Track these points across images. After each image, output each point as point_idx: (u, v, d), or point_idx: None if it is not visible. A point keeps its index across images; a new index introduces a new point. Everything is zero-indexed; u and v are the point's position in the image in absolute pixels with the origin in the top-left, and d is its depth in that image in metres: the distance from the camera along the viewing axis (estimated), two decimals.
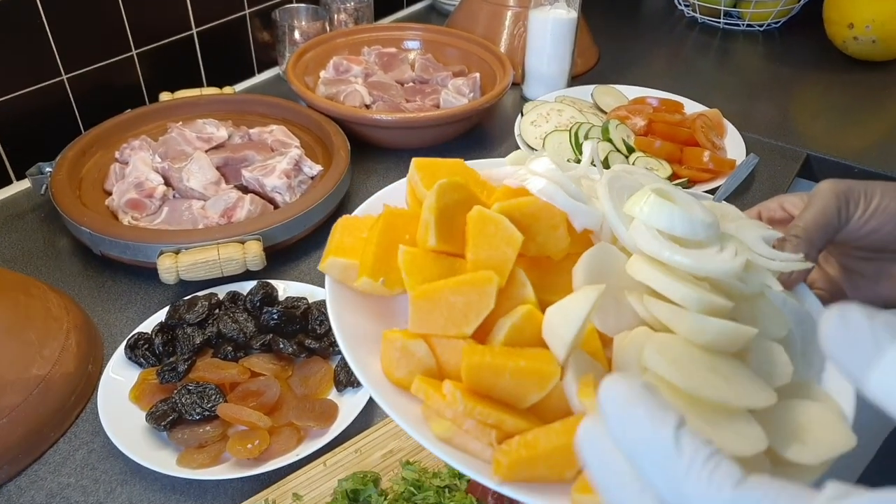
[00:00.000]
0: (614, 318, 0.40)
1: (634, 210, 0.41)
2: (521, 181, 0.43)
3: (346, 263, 0.44)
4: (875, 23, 1.20)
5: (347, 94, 1.03)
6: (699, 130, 0.97)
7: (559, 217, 0.42)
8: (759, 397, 0.36)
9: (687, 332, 0.37)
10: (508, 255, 0.40)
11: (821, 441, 0.37)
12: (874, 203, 0.46)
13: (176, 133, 0.91)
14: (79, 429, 0.64)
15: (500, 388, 0.37)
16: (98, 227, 0.75)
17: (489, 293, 0.38)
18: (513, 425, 0.36)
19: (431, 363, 0.40)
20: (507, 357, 0.37)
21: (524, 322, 0.39)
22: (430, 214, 0.41)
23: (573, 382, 0.37)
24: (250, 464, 0.60)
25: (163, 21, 1.05)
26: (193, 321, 0.69)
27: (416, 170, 0.46)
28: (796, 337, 0.43)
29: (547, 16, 1.07)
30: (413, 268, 0.40)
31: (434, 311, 0.39)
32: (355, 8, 1.26)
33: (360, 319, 0.43)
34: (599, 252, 0.41)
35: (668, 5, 1.57)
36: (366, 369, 0.40)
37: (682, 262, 0.39)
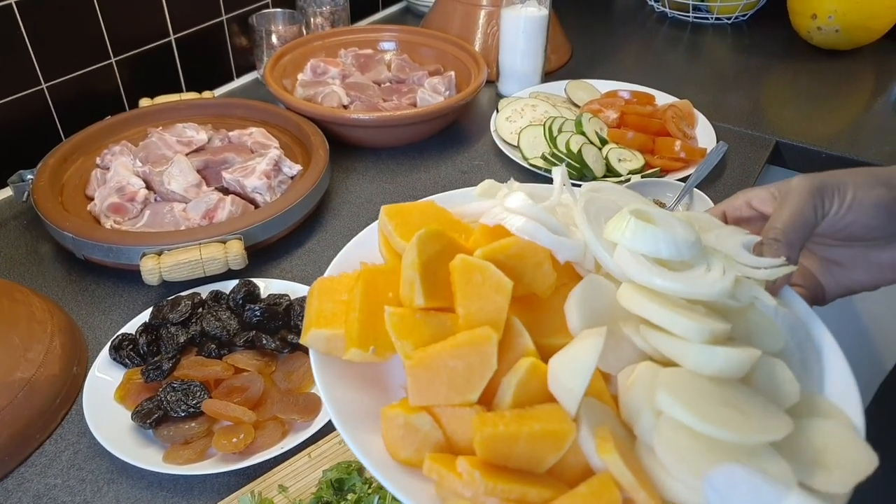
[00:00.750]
0: (613, 354, 0.39)
1: (616, 236, 0.41)
2: (497, 220, 0.42)
3: (329, 334, 0.41)
4: (837, 13, 1.23)
5: (325, 96, 1.05)
6: (670, 121, 0.99)
7: (543, 254, 0.41)
8: (778, 428, 0.36)
9: (693, 366, 0.37)
10: (500, 304, 0.38)
11: (843, 465, 0.36)
12: (849, 197, 0.47)
13: (156, 138, 0.92)
14: (64, 430, 0.65)
15: (516, 456, 0.36)
16: (81, 232, 0.76)
17: (490, 353, 0.37)
18: (537, 496, 0.35)
19: (439, 437, 0.37)
20: (521, 423, 0.36)
21: (529, 377, 0.37)
22: (414, 272, 0.39)
23: (589, 437, 0.36)
24: (236, 458, 0.61)
25: (141, 28, 1.06)
26: (177, 320, 0.70)
27: (388, 218, 0.44)
28: (793, 349, 0.43)
29: (519, 14, 1.09)
30: (403, 331, 0.38)
31: (434, 379, 0.37)
32: (331, 11, 1.27)
33: (355, 394, 0.41)
34: (589, 286, 0.40)
35: (639, 1, 1.60)
36: (368, 451, 0.37)
37: (675, 288, 0.39)
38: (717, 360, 0.36)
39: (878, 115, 1.16)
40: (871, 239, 0.49)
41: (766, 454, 0.35)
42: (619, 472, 0.34)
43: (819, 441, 0.37)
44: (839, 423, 0.39)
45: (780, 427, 0.36)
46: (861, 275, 0.51)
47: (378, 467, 0.36)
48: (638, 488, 0.34)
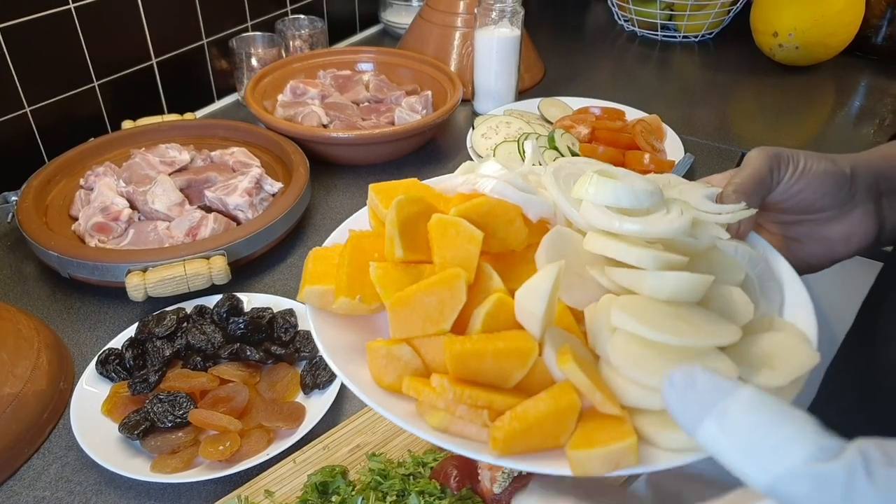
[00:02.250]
0: (581, 292, 0.42)
1: (581, 193, 0.44)
2: (472, 186, 0.46)
3: (322, 290, 0.46)
4: (797, 31, 1.29)
5: (305, 115, 1.07)
6: (639, 135, 1.03)
7: (514, 211, 0.44)
8: (725, 334, 0.39)
9: (649, 291, 0.40)
10: (472, 251, 0.42)
11: (788, 363, 0.40)
12: (801, 165, 0.51)
13: (139, 158, 0.94)
14: (52, 444, 0.66)
15: (484, 371, 0.39)
16: (66, 250, 0.78)
17: (459, 287, 0.41)
18: (503, 403, 0.38)
19: (418, 363, 0.42)
20: (487, 342, 0.39)
21: (497, 309, 0.41)
22: (393, 228, 0.43)
23: (552, 354, 0.39)
24: (222, 465, 0.62)
25: (123, 52, 1.08)
26: (163, 334, 0.72)
27: (375, 194, 0.48)
28: (753, 278, 0.46)
29: (492, 35, 1.13)
30: (386, 281, 0.43)
31: (411, 314, 0.41)
32: (310, 34, 1.30)
33: (344, 337, 0.45)
34: (556, 235, 0.43)
35: (609, 21, 1.65)
36: (356, 379, 0.41)
37: (632, 228, 0.42)
38: (669, 284, 0.39)
39: (839, 127, 1.22)
40: (821, 209, 0.53)
41: (713, 355, 0.38)
42: (576, 378, 0.38)
43: (769, 348, 0.41)
44: (790, 333, 0.42)
45: (728, 334, 0.39)
46: (816, 249, 0.55)
47: (364, 390, 0.40)
48: (594, 390, 0.37)
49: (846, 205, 0.53)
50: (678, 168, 1.00)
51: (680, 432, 0.36)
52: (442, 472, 0.60)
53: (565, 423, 0.38)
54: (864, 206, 0.53)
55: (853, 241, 0.54)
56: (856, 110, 1.27)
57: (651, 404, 0.38)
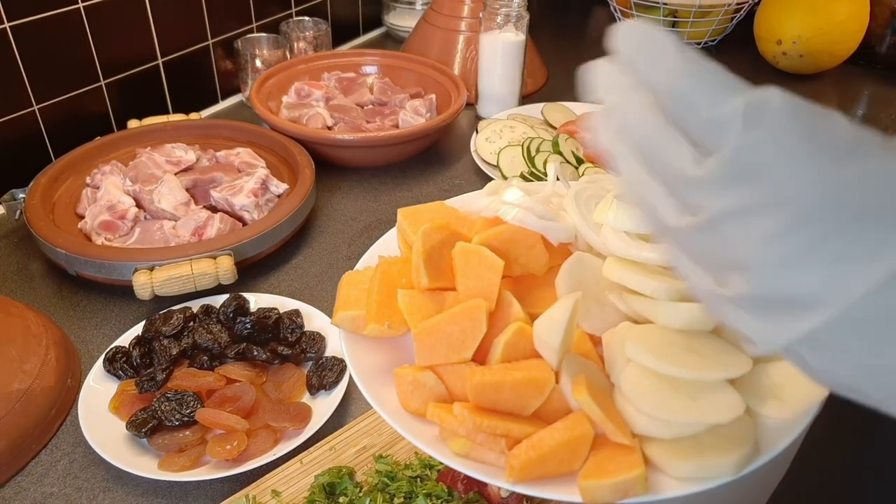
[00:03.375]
0: (599, 318, 0.44)
1: (601, 217, 0.46)
2: (495, 212, 0.48)
3: (354, 315, 0.48)
4: (801, 39, 1.30)
5: (310, 117, 1.08)
6: None
7: (534, 237, 0.47)
8: (735, 366, 0.40)
9: (663, 320, 0.42)
10: (493, 280, 0.45)
11: (795, 395, 0.41)
12: None
13: (146, 157, 0.94)
14: (60, 440, 0.67)
15: (503, 400, 0.42)
16: (73, 248, 0.78)
17: (480, 318, 0.43)
18: (520, 431, 0.41)
19: (442, 390, 0.44)
20: (506, 372, 0.42)
21: (516, 338, 0.43)
22: (419, 258, 0.46)
23: (568, 384, 0.41)
24: (229, 465, 0.63)
25: (130, 52, 1.08)
26: (169, 333, 0.72)
27: (403, 218, 0.51)
28: None
29: (496, 39, 1.14)
30: (412, 308, 0.45)
31: (435, 343, 0.44)
32: (314, 36, 1.31)
33: (374, 359, 0.48)
34: (576, 262, 0.45)
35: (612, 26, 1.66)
36: (384, 404, 0.44)
37: (649, 256, 0.44)
38: (681, 315, 0.41)
39: None
40: None
41: (721, 388, 0.40)
42: (589, 409, 0.39)
43: (778, 378, 0.42)
44: None
45: (738, 366, 0.40)
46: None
47: (392, 416, 0.43)
48: (606, 421, 0.39)
49: None
50: None
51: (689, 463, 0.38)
52: (449, 474, 0.61)
53: (579, 452, 0.40)
54: None
55: None
56: (859, 119, 1.28)
57: (661, 434, 0.39)
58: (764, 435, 0.40)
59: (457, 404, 0.41)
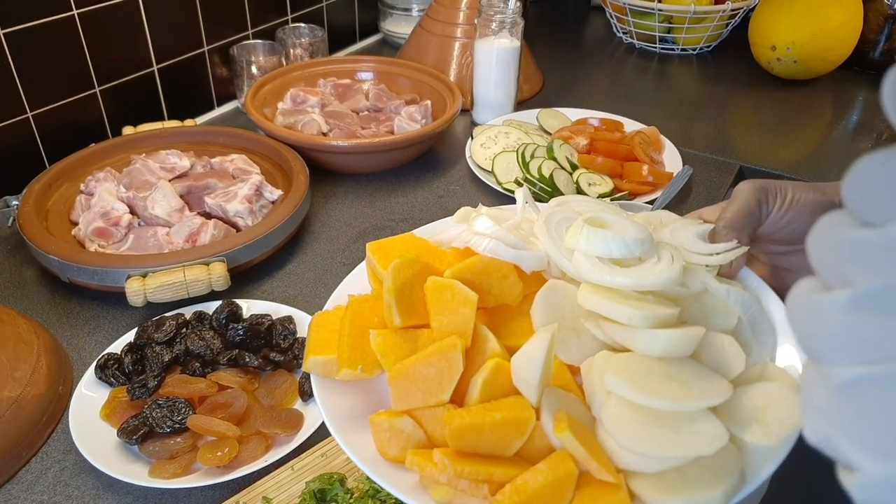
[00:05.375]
0: (577, 348, 0.43)
1: (572, 243, 0.45)
2: (465, 243, 0.47)
3: (325, 360, 0.47)
4: (795, 45, 1.30)
5: (305, 123, 1.08)
6: (638, 146, 1.04)
7: (507, 268, 0.46)
8: (716, 393, 0.40)
9: (641, 349, 0.41)
10: (467, 315, 0.43)
11: (779, 420, 0.40)
12: (789, 196, 0.51)
13: (140, 164, 0.94)
14: (51, 448, 0.66)
15: (484, 443, 0.40)
16: (66, 255, 0.78)
17: (456, 358, 0.42)
18: (502, 475, 0.39)
19: (420, 435, 0.43)
20: (485, 414, 0.40)
21: (494, 376, 0.42)
22: (390, 297, 0.44)
23: (549, 421, 0.40)
24: (220, 471, 0.62)
25: (125, 59, 1.09)
26: (162, 340, 0.72)
27: (372, 253, 0.49)
28: (745, 322, 0.46)
29: (492, 46, 1.14)
30: (385, 349, 0.44)
31: (411, 386, 0.43)
32: (310, 43, 1.31)
33: (349, 405, 0.46)
34: (550, 290, 0.44)
35: (608, 33, 1.67)
36: (361, 452, 0.43)
37: (623, 282, 0.43)
38: (660, 342, 0.40)
39: (837, 141, 1.22)
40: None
41: (703, 418, 0.39)
42: (572, 447, 0.38)
43: (761, 402, 0.41)
44: (783, 384, 0.42)
45: (718, 393, 0.40)
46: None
47: (369, 465, 0.42)
48: (589, 459, 0.38)
49: None
50: (676, 180, 1.01)
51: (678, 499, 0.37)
52: None
53: (563, 492, 0.39)
54: None
55: None
56: (853, 125, 1.28)
57: (645, 468, 0.38)
58: (749, 461, 0.40)
59: (437, 451, 0.40)
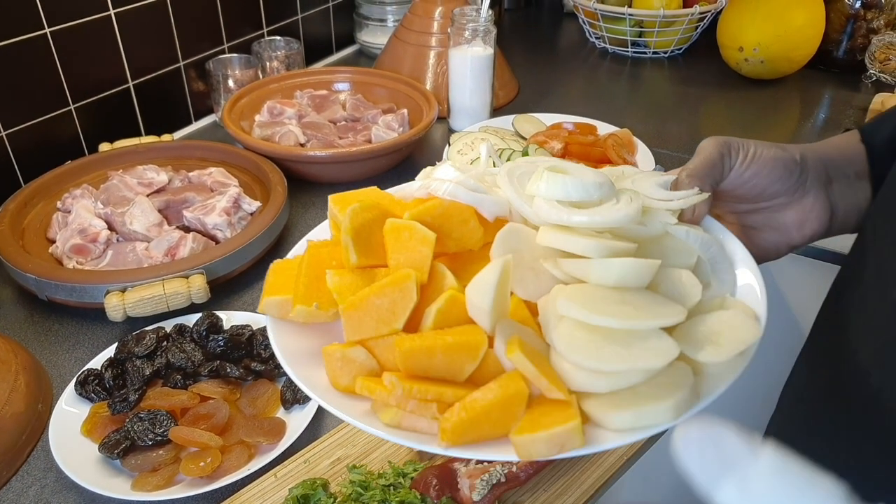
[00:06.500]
0: (534, 285, 0.44)
1: (533, 189, 0.46)
2: (428, 190, 0.47)
3: (280, 300, 0.46)
4: (761, 46, 1.33)
5: (282, 135, 1.09)
6: (610, 149, 1.05)
7: (468, 212, 0.46)
8: (669, 314, 0.40)
9: (596, 279, 0.41)
10: (425, 253, 0.43)
11: (732, 339, 0.41)
12: (751, 151, 0.52)
13: (117, 180, 0.94)
14: (31, 466, 0.66)
15: (435, 366, 0.40)
16: (44, 273, 0.78)
17: (410, 288, 0.42)
18: (453, 395, 0.39)
19: (373, 364, 0.42)
20: (436, 337, 0.40)
21: (449, 306, 0.42)
22: (347, 236, 0.44)
23: (502, 345, 0.40)
24: (204, 482, 0.63)
25: (99, 75, 1.09)
26: (142, 353, 0.72)
27: (333, 204, 0.49)
28: (705, 260, 0.47)
29: (466, 54, 1.15)
30: (342, 287, 0.44)
31: (364, 317, 0.42)
32: (286, 55, 1.32)
33: (304, 344, 0.46)
34: (509, 232, 0.45)
35: (581, 38, 1.69)
36: (311, 382, 0.42)
37: (580, 220, 0.43)
38: (615, 270, 0.41)
39: (806, 138, 1.25)
40: (774, 195, 0.55)
41: (654, 336, 0.39)
42: (522, 366, 0.39)
43: (716, 326, 0.42)
44: (738, 311, 0.43)
45: (671, 315, 0.40)
46: (773, 236, 0.56)
47: (320, 394, 0.42)
48: (540, 377, 0.38)
49: (797, 191, 0.54)
50: None
51: (626, 413, 0.38)
52: (422, 481, 0.61)
53: (513, 411, 0.39)
54: (815, 193, 0.55)
55: (807, 227, 0.56)
56: (821, 122, 1.31)
57: (597, 387, 0.39)
58: (703, 381, 0.40)
59: (386, 374, 0.40)
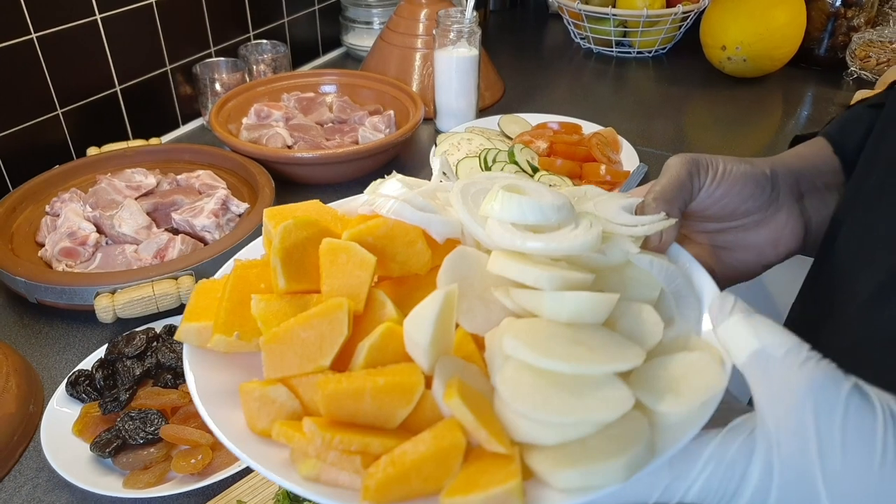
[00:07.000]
0: (483, 317, 0.39)
1: (487, 210, 0.42)
2: (372, 207, 0.43)
3: (200, 327, 0.41)
4: (743, 44, 1.35)
5: (270, 137, 1.09)
6: (595, 147, 1.07)
7: (415, 232, 0.41)
8: (625, 358, 0.36)
9: (548, 313, 0.37)
10: (362, 278, 0.39)
11: (694, 387, 0.36)
12: (720, 168, 0.50)
13: (105, 183, 0.95)
14: (23, 466, 0.66)
15: (364, 412, 0.35)
16: (33, 276, 0.78)
17: (340, 319, 0.37)
18: (380, 446, 0.34)
19: (296, 406, 0.37)
20: (365, 379, 0.35)
21: (384, 341, 0.37)
22: (277, 257, 0.39)
23: (440, 388, 0.35)
24: (195, 478, 0.63)
25: (87, 80, 1.09)
26: (132, 354, 0.73)
27: (268, 219, 0.44)
28: (668, 294, 0.43)
29: (451, 55, 1.16)
30: (268, 315, 0.39)
31: (287, 351, 0.37)
32: (272, 59, 1.33)
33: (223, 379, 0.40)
34: (458, 256, 0.40)
35: (566, 39, 1.70)
36: (225, 425, 0.37)
37: (534, 247, 0.39)
38: (568, 305, 0.37)
39: (789, 135, 1.27)
40: (745, 214, 0.52)
41: (608, 383, 0.35)
42: (460, 414, 0.34)
43: (678, 371, 0.38)
44: (704, 354, 0.39)
45: (628, 358, 0.36)
46: (746, 256, 0.55)
47: (232, 439, 0.36)
48: (479, 427, 0.34)
49: (770, 207, 0.53)
50: (632, 177, 1.04)
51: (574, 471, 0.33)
52: None
53: (448, 466, 0.34)
54: (788, 208, 0.53)
55: (781, 244, 0.54)
56: (804, 119, 1.33)
57: (544, 439, 0.34)
58: (660, 433, 0.36)
59: (306, 420, 0.34)
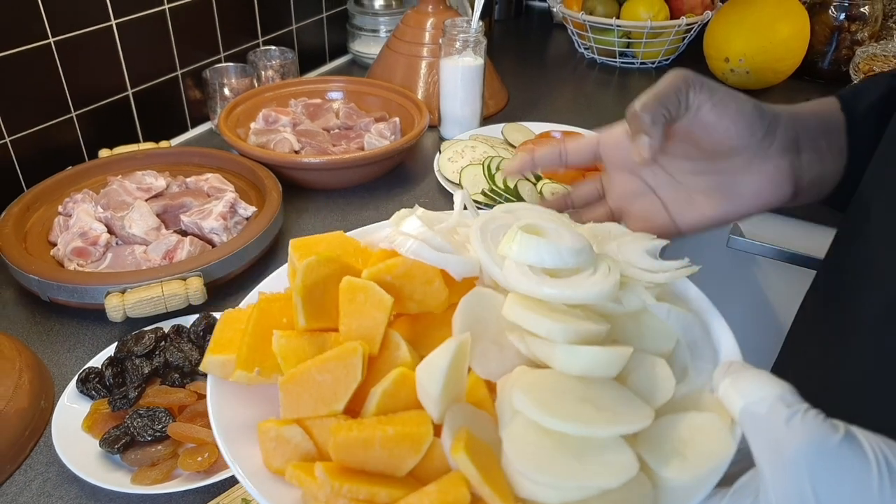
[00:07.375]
0: (497, 362, 0.39)
1: (505, 250, 0.42)
2: (391, 244, 0.44)
3: (223, 359, 0.43)
4: (746, 56, 1.37)
5: (277, 142, 1.11)
6: None
7: (432, 272, 0.42)
8: (633, 421, 0.35)
9: (560, 366, 0.37)
10: (378, 319, 0.39)
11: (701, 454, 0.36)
12: (717, 96, 0.47)
13: (116, 185, 0.97)
14: (34, 460, 0.68)
15: (373, 459, 0.36)
16: (46, 274, 0.80)
17: (355, 364, 0.38)
18: (387, 497, 0.35)
19: (310, 447, 0.39)
20: (375, 427, 0.36)
21: (396, 387, 0.38)
22: (298, 296, 0.41)
23: (449, 439, 0.36)
24: (201, 476, 0.65)
25: (100, 84, 1.11)
26: (141, 353, 0.75)
27: (294, 251, 0.45)
28: (684, 345, 0.43)
29: (457, 64, 1.18)
30: (288, 352, 0.40)
31: (303, 393, 0.39)
32: (281, 64, 1.35)
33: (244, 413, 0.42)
34: (474, 298, 0.40)
35: (570, 49, 1.72)
36: (243, 462, 0.38)
37: (549, 293, 0.39)
38: (580, 359, 0.37)
39: None
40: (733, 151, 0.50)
41: (613, 446, 0.35)
42: (466, 469, 0.34)
43: (686, 433, 0.37)
44: (714, 416, 0.38)
45: (635, 420, 0.36)
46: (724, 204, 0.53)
47: (250, 476, 0.38)
48: (483, 484, 0.34)
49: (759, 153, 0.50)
50: None
51: None
52: None
53: None
54: (777, 159, 0.50)
55: (762, 196, 0.52)
56: None
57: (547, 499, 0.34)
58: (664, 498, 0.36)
59: (318, 465, 0.36)
